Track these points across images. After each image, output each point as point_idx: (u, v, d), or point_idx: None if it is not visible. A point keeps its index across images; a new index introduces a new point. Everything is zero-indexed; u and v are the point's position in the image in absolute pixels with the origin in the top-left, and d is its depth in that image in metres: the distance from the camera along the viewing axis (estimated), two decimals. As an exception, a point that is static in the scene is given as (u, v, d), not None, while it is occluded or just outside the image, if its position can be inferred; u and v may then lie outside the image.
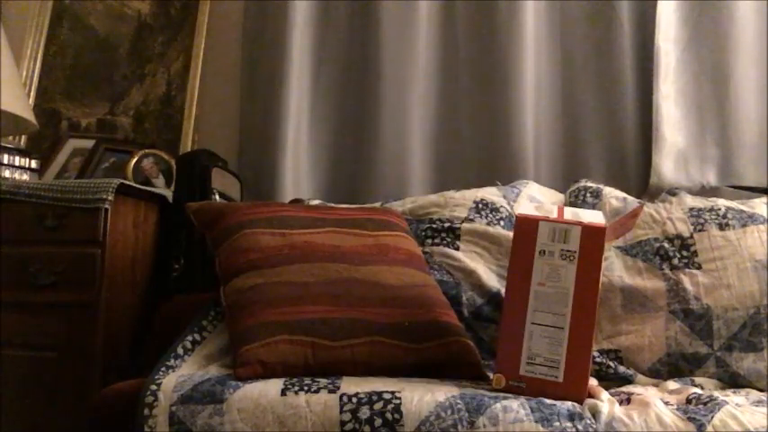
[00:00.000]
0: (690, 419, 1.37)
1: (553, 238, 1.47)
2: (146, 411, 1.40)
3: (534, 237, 1.46)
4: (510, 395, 1.39)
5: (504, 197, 2.13)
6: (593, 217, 1.55)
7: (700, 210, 2.01)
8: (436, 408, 1.33)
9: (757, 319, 1.85)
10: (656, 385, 1.75)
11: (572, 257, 1.46)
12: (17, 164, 2.40)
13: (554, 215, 1.54)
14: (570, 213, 1.56)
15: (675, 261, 1.93)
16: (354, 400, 1.36)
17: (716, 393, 1.58)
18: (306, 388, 1.40)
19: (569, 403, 1.38)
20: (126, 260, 2.10)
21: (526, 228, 1.47)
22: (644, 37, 2.39)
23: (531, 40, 2.41)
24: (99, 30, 2.79)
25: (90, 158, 2.56)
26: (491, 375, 1.54)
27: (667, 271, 1.92)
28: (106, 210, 2.02)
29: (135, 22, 2.75)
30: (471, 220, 2.04)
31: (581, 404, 1.41)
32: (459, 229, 2.03)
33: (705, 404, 1.46)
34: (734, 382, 1.81)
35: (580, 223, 1.48)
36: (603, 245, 1.49)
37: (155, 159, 2.51)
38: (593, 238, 1.47)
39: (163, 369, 1.56)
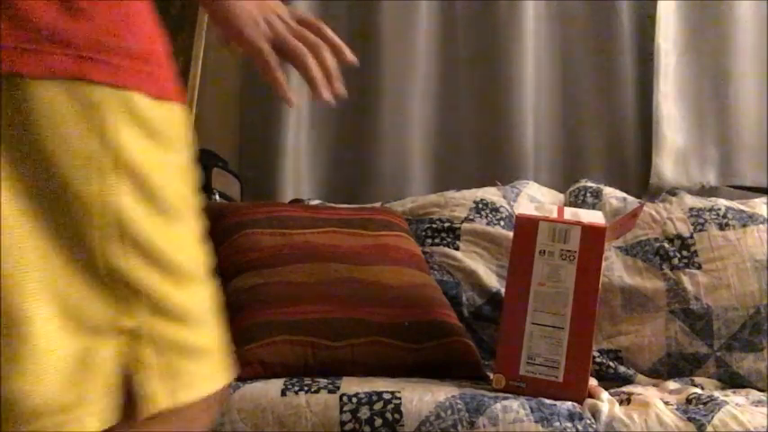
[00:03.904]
0: (690, 419, 1.37)
1: (553, 238, 1.47)
2: (146, 411, 1.40)
3: (534, 237, 1.46)
4: (510, 395, 1.39)
5: (504, 197, 2.12)
6: (593, 217, 1.55)
7: (700, 210, 2.01)
8: (436, 408, 1.33)
9: (757, 319, 1.85)
10: (656, 385, 1.75)
11: (572, 257, 1.46)
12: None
13: (554, 215, 1.54)
14: (570, 213, 1.56)
15: (675, 261, 1.93)
16: (354, 400, 1.36)
17: (716, 393, 1.58)
18: (306, 388, 1.40)
19: (569, 403, 1.38)
20: (126, 260, 2.10)
21: (526, 228, 1.47)
22: (644, 37, 2.39)
23: (531, 39, 2.41)
24: (99, 30, 2.79)
25: (90, 158, 2.55)
26: (491, 375, 1.55)
27: (667, 271, 1.92)
28: (106, 210, 2.02)
29: (135, 22, 2.75)
30: (471, 220, 2.04)
31: (581, 404, 1.41)
32: (459, 229, 2.03)
33: (705, 404, 1.46)
34: (734, 382, 1.81)
35: (580, 223, 1.48)
36: (603, 245, 1.49)
37: (155, 159, 2.50)
38: (593, 238, 1.47)
39: (163, 369, 1.56)
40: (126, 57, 0.74)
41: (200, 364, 0.78)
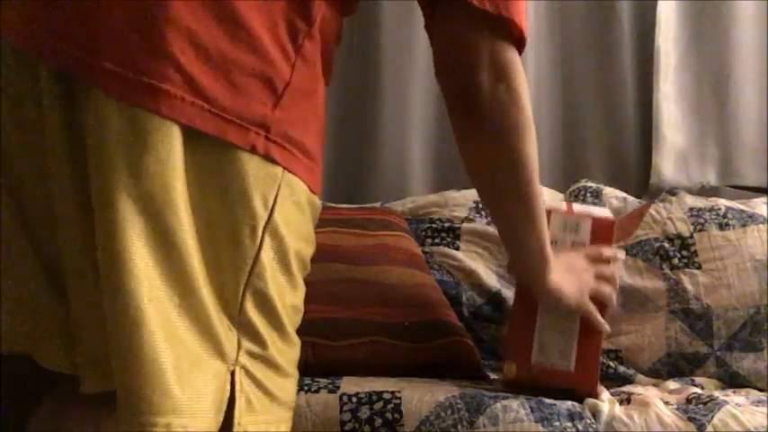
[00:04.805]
0: (690, 419, 1.37)
1: (564, 229, 1.46)
2: (146, 411, 1.40)
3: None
4: (510, 395, 1.39)
5: (504, 197, 2.12)
6: (601, 212, 1.55)
7: (700, 210, 2.02)
8: (436, 408, 1.33)
9: (757, 318, 1.85)
10: (656, 385, 1.75)
11: (582, 248, 1.46)
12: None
13: (563, 209, 1.53)
14: (579, 207, 1.56)
15: (675, 261, 1.93)
16: (354, 399, 1.36)
17: (716, 393, 1.58)
18: (306, 388, 1.40)
19: (569, 403, 1.38)
20: (126, 260, 2.10)
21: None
22: (644, 37, 2.39)
23: (530, 39, 2.40)
24: (99, 30, 2.79)
25: (90, 158, 2.55)
26: (491, 375, 1.54)
27: (667, 271, 1.92)
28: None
29: (135, 22, 2.75)
30: (471, 220, 2.04)
31: (594, 395, 1.40)
32: (459, 228, 2.03)
33: (705, 404, 1.46)
34: (734, 382, 1.81)
35: (590, 215, 1.48)
36: (612, 237, 1.48)
37: (155, 159, 2.50)
38: (602, 230, 1.46)
39: (163, 369, 1.56)
40: (299, 149, 0.90)
41: (269, 409, 0.90)
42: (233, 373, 0.86)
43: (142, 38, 0.82)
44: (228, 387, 0.86)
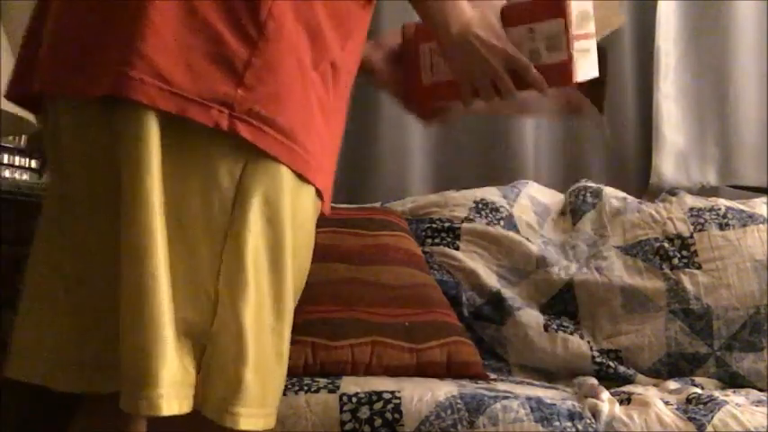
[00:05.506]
0: (690, 419, 1.37)
1: (542, 35, 1.20)
2: (146, 411, 1.40)
3: (541, 20, 1.20)
4: (510, 394, 1.39)
5: (504, 197, 2.12)
6: (594, 67, 1.26)
7: (700, 210, 2.02)
8: (436, 408, 1.33)
9: (757, 318, 1.85)
10: (656, 385, 1.76)
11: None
12: (17, 164, 2.40)
13: (582, 29, 1.22)
14: (583, 41, 1.23)
15: (675, 261, 1.93)
16: (354, 399, 1.36)
17: (716, 393, 1.58)
18: (306, 388, 1.40)
19: (569, 403, 1.38)
20: (126, 260, 2.10)
21: (551, 7, 1.20)
22: (644, 37, 2.39)
23: (531, 39, 2.41)
24: (99, 30, 2.78)
25: (90, 158, 2.55)
26: (491, 375, 1.54)
27: (667, 271, 1.92)
28: (106, 210, 2.02)
29: (135, 22, 2.74)
30: (471, 220, 2.04)
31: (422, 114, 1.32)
32: (459, 228, 2.03)
33: (705, 404, 1.46)
34: (734, 382, 1.82)
35: (570, 56, 1.18)
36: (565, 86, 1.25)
37: (155, 159, 2.50)
38: (561, 75, 1.20)
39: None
40: (270, 126, 0.90)
41: (238, 401, 0.90)
42: (201, 353, 0.88)
43: (116, 40, 0.89)
44: (193, 370, 0.88)
